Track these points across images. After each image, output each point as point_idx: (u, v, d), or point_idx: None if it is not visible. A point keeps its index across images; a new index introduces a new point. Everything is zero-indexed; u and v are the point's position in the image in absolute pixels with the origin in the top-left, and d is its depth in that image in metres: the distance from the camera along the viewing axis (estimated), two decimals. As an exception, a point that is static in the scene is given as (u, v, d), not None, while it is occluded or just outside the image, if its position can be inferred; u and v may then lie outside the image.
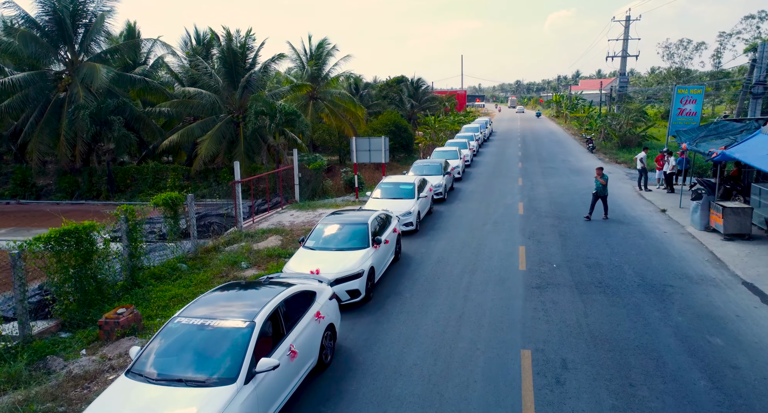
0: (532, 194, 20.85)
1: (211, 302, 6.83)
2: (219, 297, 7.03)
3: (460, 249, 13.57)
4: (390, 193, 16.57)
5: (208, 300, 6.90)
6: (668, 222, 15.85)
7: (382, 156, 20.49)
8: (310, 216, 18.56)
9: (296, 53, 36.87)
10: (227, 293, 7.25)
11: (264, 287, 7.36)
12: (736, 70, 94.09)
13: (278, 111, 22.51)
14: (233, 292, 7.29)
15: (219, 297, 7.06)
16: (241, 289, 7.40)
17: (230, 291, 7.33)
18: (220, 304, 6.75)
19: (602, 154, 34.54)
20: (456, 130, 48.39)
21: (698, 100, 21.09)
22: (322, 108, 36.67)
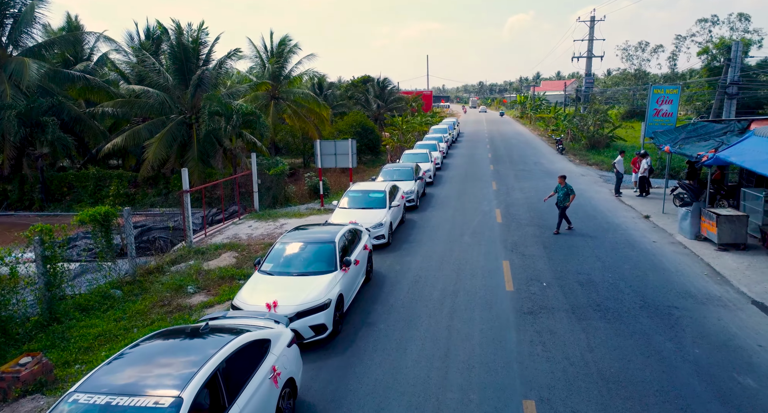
0: (508, 200, 19.73)
1: (127, 365, 5.14)
2: (139, 357, 5.34)
3: (438, 266, 12.18)
4: (359, 202, 15.04)
5: (124, 361, 5.21)
6: (655, 229, 14.95)
7: (349, 160, 18.94)
8: (270, 228, 16.82)
9: (256, 51, 34.81)
10: (152, 348, 5.56)
11: (201, 339, 5.71)
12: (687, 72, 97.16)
13: (235, 111, 20.61)
14: (160, 347, 5.60)
15: (139, 355, 5.36)
16: (171, 342, 5.72)
17: (156, 345, 5.63)
18: (140, 368, 5.07)
19: (572, 156, 34.03)
20: (424, 131, 47.28)
21: (674, 100, 20.50)
22: (284, 108, 34.78)
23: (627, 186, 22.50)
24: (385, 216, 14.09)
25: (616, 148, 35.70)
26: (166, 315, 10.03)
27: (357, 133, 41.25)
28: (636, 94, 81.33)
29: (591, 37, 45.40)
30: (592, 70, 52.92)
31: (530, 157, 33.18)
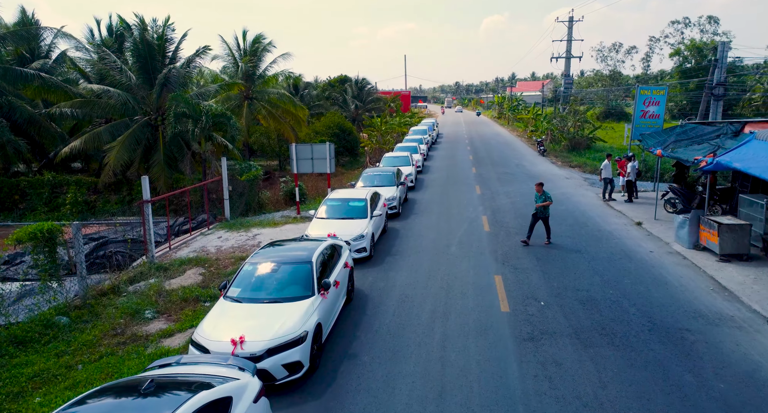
0: (494, 205, 18.88)
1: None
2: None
3: (425, 283, 11.17)
4: (338, 211, 13.93)
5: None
6: (649, 238, 14.24)
7: (326, 165, 17.80)
8: (241, 239, 15.57)
9: (229, 49, 33.29)
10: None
11: (142, 400, 4.55)
12: (659, 73, 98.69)
13: (203, 112, 19.24)
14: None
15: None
16: (101, 409, 4.54)
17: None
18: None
19: (553, 157, 33.53)
20: (403, 133, 46.35)
21: (661, 101, 19.99)
22: (259, 109, 33.42)
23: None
24: (367, 228, 13.02)
25: (596, 150, 35.44)
26: (118, 347, 8.77)
27: (334, 135, 40.10)
28: (611, 94, 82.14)
29: (569, 37, 45.22)
30: (561, 72, 52.98)
31: (512, 159, 32.54)
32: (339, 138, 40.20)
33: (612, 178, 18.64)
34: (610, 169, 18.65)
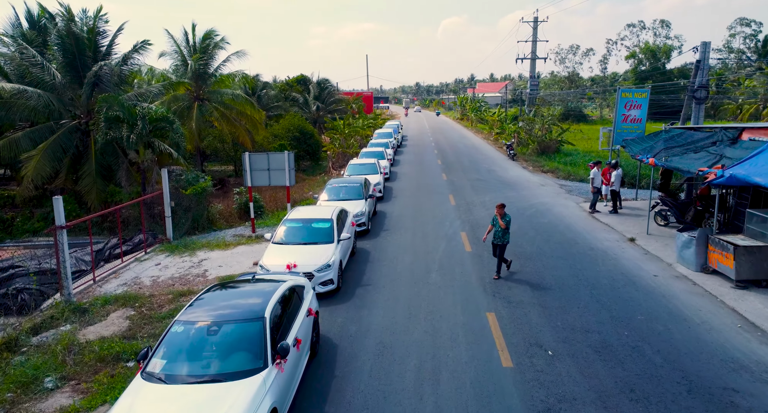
0: (472, 219, 17.21)
1: None
2: None
3: (406, 325, 9.27)
4: (299, 235, 11.84)
5: None
6: (648, 258, 12.84)
7: (286, 177, 15.63)
8: (184, 266, 13.23)
9: (176, 46, 30.35)
10: None
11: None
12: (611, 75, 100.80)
13: (140, 116, 16.67)
14: None
15: None
16: None
17: None
18: None
19: (524, 162, 32.39)
20: (367, 135, 44.44)
21: (643, 104, 18.88)
22: (211, 111, 30.71)
23: (590, 197, 20.75)
24: (334, 255, 10.99)
25: (565, 153, 34.56)
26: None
27: (295, 138, 37.78)
28: (570, 96, 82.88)
29: (534, 38, 44.38)
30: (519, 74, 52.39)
31: (482, 164, 31.16)
32: (300, 141, 37.92)
33: (600, 188, 17.28)
34: (600, 178, 17.27)
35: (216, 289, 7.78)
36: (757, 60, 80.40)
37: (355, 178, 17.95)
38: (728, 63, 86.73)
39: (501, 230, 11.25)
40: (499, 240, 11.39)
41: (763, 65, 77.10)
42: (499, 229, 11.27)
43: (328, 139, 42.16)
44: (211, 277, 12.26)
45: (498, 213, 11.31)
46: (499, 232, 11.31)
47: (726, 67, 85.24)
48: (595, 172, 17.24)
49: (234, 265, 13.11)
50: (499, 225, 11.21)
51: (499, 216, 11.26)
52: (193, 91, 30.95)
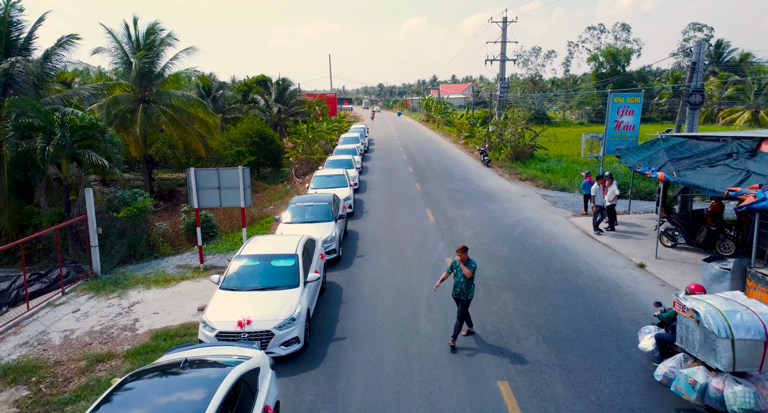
0: (456, 240, 15.15)
1: None
2: None
3: (396, 406, 7.06)
4: (255, 278, 9.43)
5: None
6: (667, 291, 11.08)
7: (240, 197, 13.11)
8: (110, 314, 10.58)
9: (117, 42, 27.08)
10: None
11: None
12: (570, 78, 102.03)
13: (59, 124, 13.79)
14: None
15: None
16: None
17: None
18: None
19: (499, 169, 30.79)
20: (333, 140, 42.02)
21: (636, 110, 17.37)
22: (158, 114, 27.64)
23: (578, 210, 19.17)
24: (299, 304, 8.67)
25: (540, 159, 33.16)
26: None
27: (254, 143, 34.95)
28: (535, 100, 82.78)
29: (504, 39, 43.12)
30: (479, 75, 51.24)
31: (456, 172, 29.31)
32: (259, 147, 35.15)
33: (604, 206, 15.48)
34: (602, 195, 15.48)
35: (126, 388, 5.32)
36: (710, 64, 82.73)
37: (322, 195, 15.59)
38: (683, 66, 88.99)
39: (464, 281, 8.59)
40: (461, 294, 8.65)
41: (716, 69, 79.25)
42: (462, 280, 8.59)
43: (291, 144, 39.48)
44: (141, 331, 9.69)
45: (460, 258, 8.60)
46: (462, 284, 8.61)
47: (683, 71, 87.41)
48: (597, 189, 15.45)
49: (173, 311, 10.56)
50: (463, 274, 8.54)
51: (461, 262, 8.59)
52: (138, 93, 27.80)
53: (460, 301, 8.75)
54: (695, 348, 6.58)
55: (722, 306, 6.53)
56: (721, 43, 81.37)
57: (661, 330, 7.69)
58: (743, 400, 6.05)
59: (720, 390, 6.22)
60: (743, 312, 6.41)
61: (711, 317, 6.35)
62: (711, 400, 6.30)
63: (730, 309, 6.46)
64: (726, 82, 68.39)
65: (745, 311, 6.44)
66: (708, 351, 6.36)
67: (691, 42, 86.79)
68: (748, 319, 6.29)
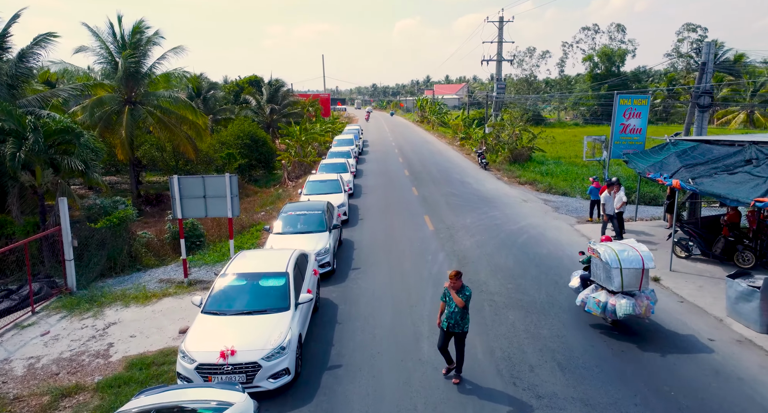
0: (457, 250, 14.35)
1: None
2: None
3: (400, 453, 6.23)
4: (240, 299, 8.56)
5: None
6: (687, 309, 10.31)
7: (227, 206, 12.21)
8: (82, 337, 9.66)
9: (101, 41, 26.06)
10: None
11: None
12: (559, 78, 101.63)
13: (32, 128, 12.83)
14: None
15: None
16: None
17: None
18: None
19: (497, 171, 30.03)
20: (326, 141, 41.10)
21: (643, 112, 16.64)
22: (145, 116, 26.67)
23: (582, 217, 18.44)
24: (289, 330, 7.80)
25: (538, 162, 32.45)
26: None
27: (245, 146, 34.03)
28: (528, 100, 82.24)
29: (500, 39, 42.40)
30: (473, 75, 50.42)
31: (453, 175, 28.52)
32: (251, 149, 34.25)
33: (615, 215, 14.68)
34: (612, 203, 14.67)
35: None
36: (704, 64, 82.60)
37: (315, 203, 14.71)
38: (677, 67, 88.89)
39: (458, 311, 7.38)
40: (456, 326, 7.41)
41: (711, 69, 78.92)
42: (456, 310, 7.37)
43: (284, 146, 38.54)
44: (115, 358, 8.79)
45: (452, 285, 7.35)
46: (456, 314, 7.37)
47: (677, 72, 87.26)
48: (608, 197, 14.61)
49: (152, 334, 9.66)
50: (455, 302, 7.34)
51: (452, 289, 7.36)
52: (124, 94, 26.81)
53: (454, 335, 7.52)
54: (600, 279, 9.20)
55: (617, 247, 9.15)
56: (715, 44, 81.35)
57: (585, 272, 9.96)
58: (626, 308, 8.66)
59: (614, 304, 8.81)
60: (629, 251, 8.96)
61: (608, 254, 8.92)
62: (608, 312, 8.92)
63: (621, 249, 9.01)
64: (721, 82, 68.15)
65: (631, 250, 8.99)
66: (607, 279, 8.98)
67: (685, 43, 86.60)
68: (632, 255, 8.87)
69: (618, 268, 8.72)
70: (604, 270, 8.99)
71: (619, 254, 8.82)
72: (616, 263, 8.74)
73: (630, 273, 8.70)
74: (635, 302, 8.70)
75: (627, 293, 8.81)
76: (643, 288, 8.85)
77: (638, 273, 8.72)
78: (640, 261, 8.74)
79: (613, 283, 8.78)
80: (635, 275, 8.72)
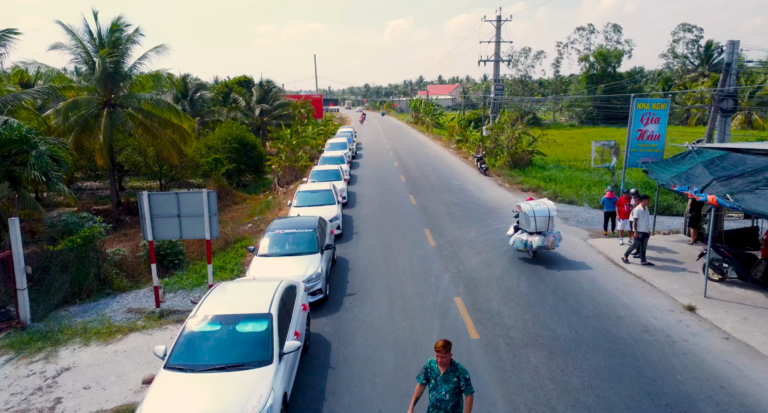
0: (463, 271, 12.93)
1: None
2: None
3: None
4: (214, 350, 7.06)
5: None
6: (736, 347, 8.93)
7: (204, 226, 10.70)
8: (26, 389, 8.11)
9: (77, 40, 24.42)
10: None
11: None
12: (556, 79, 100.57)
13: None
14: None
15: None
16: None
17: None
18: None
19: (497, 177, 28.73)
20: (319, 145, 39.60)
21: (662, 117, 15.32)
22: (125, 119, 25.05)
23: (595, 229, 17.13)
24: (270, 394, 6.31)
25: (539, 167, 31.08)
26: None
27: (234, 150, 32.46)
28: (524, 102, 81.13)
29: (498, 39, 41.06)
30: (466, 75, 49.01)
31: (452, 181, 27.14)
32: (239, 154, 32.68)
33: (648, 233, 13.19)
34: (648, 219, 13.15)
35: None
36: (700, 65, 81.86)
37: (306, 220, 13.20)
38: (673, 68, 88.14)
39: (451, 398, 5.33)
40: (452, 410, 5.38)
41: (706, 71, 78.44)
42: (448, 397, 5.33)
43: (275, 150, 36.98)
44: (62, 422, 7.27)
45: (440, 359, 5.35)
46: (447, 402, 5.33)
47: (672, 72, 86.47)
48: (642, 212, 13.03)
49: (110, 385, 8.15)
50: (446, 388, 5.34)
51: (441, 365, 5.39)
52: (103, 96, 25.21)
53: None
54: (524, 225, 13.26)
55: (533, 203, 13.44)
56: (710, 45, 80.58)
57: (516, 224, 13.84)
58: (539, 242, 12.77)
59: (531, 241, 12.88)
60: (541, 206, 13.17)
61: (528, 208, 13.06)
62: (528, 246, 13.01)
63: (536, 204, 13.27)
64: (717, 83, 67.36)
65: (542, 205, 13.22)
66: (527, 224, 13.05)
67: (680, 43, 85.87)
68: (542, 208, 13.03)
69: (533, 216, 12.90)
70: (525, 219, 13.17)
71: (534, 207, 13.05)
72: (532, 213, 12.94)
73: (541, 220, 12.89)
74: (544, 238, 12.86)
75: (539, 233, 12.94)
76: (550, 229, 13.05)
77: (546, 219, 12.92)
78: (548, 212, 12.98)
79: (530, 226, 12.99)
80: (544, 220, 12.91)
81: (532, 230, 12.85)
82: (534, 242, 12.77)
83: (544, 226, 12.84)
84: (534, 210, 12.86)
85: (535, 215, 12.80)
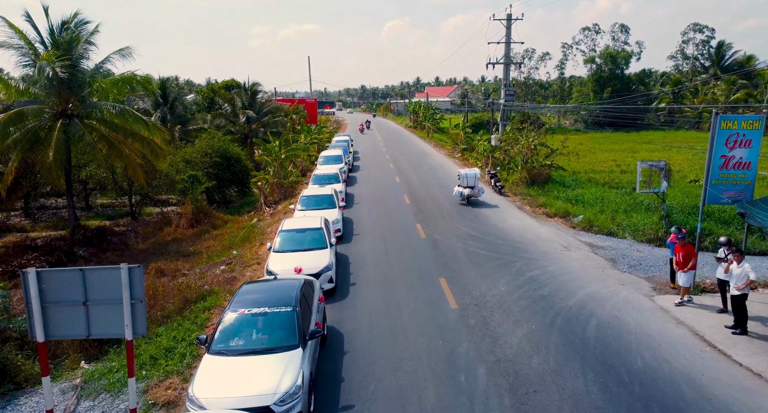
0: (501, 358, 9.29)
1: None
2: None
3: None
4: None
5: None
6: None
7: (124, 319, 6.99)
8: None
9: (24, 39, 20.75)
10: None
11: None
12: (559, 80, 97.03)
13: None
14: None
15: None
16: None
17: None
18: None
19: (514, 196, 25.09)
20: (313, 157, 35.90)
21: (754, 139, 11.69)
22: (83, 132, 21.38)
23: (656, 278, 13.53)
24: None
25: (560, 184, 27.30)
26: None
27: (215, 164, 28.77)
28: (536, 109, 77.15)
29: (508, 39, 37.44)
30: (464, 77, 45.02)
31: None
32: (222, 168, 29.05)
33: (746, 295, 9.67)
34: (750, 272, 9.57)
35: None
36: (710, 67, 78.55)
37: (287, 282, 9.47)
38: (682, 69, 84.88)
39: None
40: None
41: (718, 72, 75.09)
42: None
43: (263, 163, 33.23)
44: None
45: None
46: None
47: (682, 74, 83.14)
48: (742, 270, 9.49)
49: None
50: None
51: None
52: (56, 105, 21.55)
53: None
54: (460, 181, 22.64)
55: (467, 168, 25.10)
56: (722, 45, 77.33)
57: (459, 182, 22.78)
58: (468, 192, 22.25)
59: (463, 191, 22.38)
60: (470, 170, 23.03)
61: (462, 172, 22.64)
62: (462, 196, 22.55)
63: (468, 169, 23.16)
64: (735, 84, 63.94)
65: (471, 170, 22.81)
66: (463, 181, 22.32)
67: (690, 44, 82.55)
68: (471, 172, 22.51)
69: (465, 176, 22.02)
70: (464, 179, 22.04)
71: (467, 172, 22.22)
72: (465, 174, 22.18)
73: (470, 178, 21.94)
74: (472, 191, 22.00)
75: (470, 187, 22.02)
76: (476, 185, 22.16)
77: (474, 178, 22.00)
78: (476, 173, 22.29)
79: (464, 183, 22.09)
80: (473, 178, 21.99)
81: (465, 185, 22.05)
82: (464, 192, 22.06)
83: (472, 183, 22.03)
84: (467, 173, 22.19)
85: (466, 175, 22.05)
